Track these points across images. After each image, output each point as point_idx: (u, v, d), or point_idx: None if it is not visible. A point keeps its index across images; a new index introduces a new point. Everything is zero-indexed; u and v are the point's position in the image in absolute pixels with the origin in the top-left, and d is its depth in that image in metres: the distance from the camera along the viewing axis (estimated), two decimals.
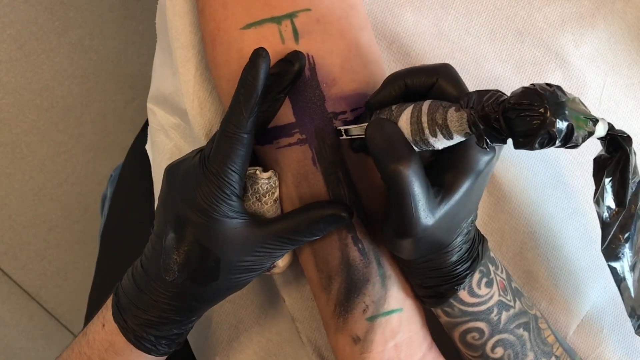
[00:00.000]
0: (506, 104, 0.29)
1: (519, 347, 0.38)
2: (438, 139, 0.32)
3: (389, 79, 0.36)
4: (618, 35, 0.46)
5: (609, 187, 0.33)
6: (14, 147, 1.14)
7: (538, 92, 0.28)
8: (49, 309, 1.25)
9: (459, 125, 0.31)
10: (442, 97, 0.34)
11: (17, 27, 1.08)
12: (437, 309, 0.39)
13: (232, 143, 0.35)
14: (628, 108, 0.46)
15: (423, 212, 0.33)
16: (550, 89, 0.28)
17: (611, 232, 0.34)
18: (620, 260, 0.35)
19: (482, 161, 0.34)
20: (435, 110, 0.32)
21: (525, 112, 0.28)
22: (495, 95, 0.30)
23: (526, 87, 0.29)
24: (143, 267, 0.39)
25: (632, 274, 0.36)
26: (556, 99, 0.28)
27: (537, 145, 0.28)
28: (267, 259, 0.38)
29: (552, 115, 0.27)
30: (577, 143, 0.29)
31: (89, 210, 1.20)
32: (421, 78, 0.35)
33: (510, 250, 0.46)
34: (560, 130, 0.28)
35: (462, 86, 0.34)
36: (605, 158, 0.33)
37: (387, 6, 0.45)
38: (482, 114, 0.30)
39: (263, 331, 0.50)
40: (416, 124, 0.33)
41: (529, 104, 0.28)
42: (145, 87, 0.53)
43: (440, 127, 0.32)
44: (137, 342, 0.39)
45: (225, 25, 0.39)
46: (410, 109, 0.34)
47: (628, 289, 0.36)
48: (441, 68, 0.35)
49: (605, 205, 0.34)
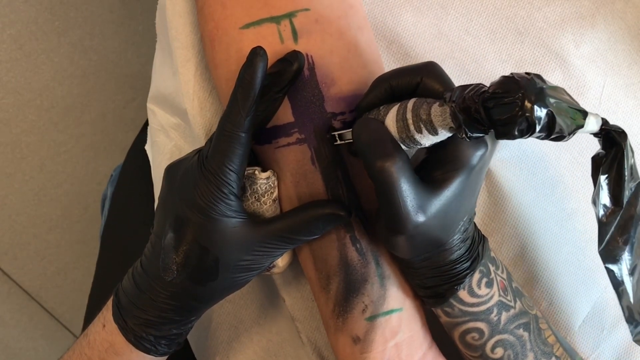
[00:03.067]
0: (485, 94, 0.29)
1: (519, 348, 0.38)
2: (424, 135, 0.33)
3: (375, 83, 0.36)
4: (618, 35, 0.46)
5: (605, 184, 0.33)
6: (14, 147, 1.14)
7: (515, 79, 0.28)
8: (49, 309, 1.25)
9: (443, 119, 0.31)
10: (429, 95, 0.34)
11: (17, 27, 1.08)
12: (437, 309, 0.39)
13: (229, 142, 0.35)
14: (628, 108, 0.46)
15: (412, 208, 0.33)
16: (529, 76, 0.28)
17: (609, 233, 0.34)
18: (618, 263, 0.35)
19: (474, 156, 0.34)
20: (419, 107, 0.33)
21: (504, 100, 0.28)
22: (477, 87, 0.30)
23: (505, 76, 0.29)
24: (143, 267, 0.39)
25: (631, 277, 0.35)
26: (534, 86, 0.28)
27: (517, 133, 0.28)
28: (266, 258, 0.38)
29: (530, 101, 0.27)
30: (562, 134, 0.28)
31: (89, 210, 1.20)
32: (406, 78, 0.35)
33: (510, 250, 0.46)
34: (539, 118, 0.28)
35: (448, 82, 0.34)
36: (601, 156, 0.33)
37: (387, 6, 0.45)
38: (462, 106, 0.30)
39: (263, 331, 0.50)
40: (402, 121, 0.33)
41: (507, 92, 0.28)
42: (145, 87, 0.53)
43: (424, 122, 0.32)
44: (136, 342, 0.39)
45: (224, 25, 0.39)
46: (396, 107, 0.34)
47: (626, 293, 0.35)
48: (425, 67, 0.35)
49: (601, 204, 0.33)
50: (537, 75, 0.29)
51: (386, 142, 0.33)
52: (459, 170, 0.34)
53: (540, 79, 0.29)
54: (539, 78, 0.29)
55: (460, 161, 0.34)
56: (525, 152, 0.45)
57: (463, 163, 0.34)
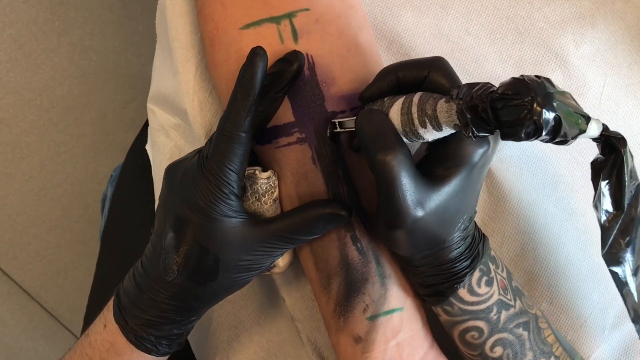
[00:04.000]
0: (494, 95, 0.29)
1: (518, 347, 0.38)
2: (427, 130, 0.33)
3: (382, 73, 0.36)
4: (618, 35, 0.46)
5: (606, 190, 0.33)
6: (14, 147, 1.14)
7: (526, 82, 0.28)
8: (49, 309, 1.25)
9: (448, 116, 0.31)
10: (435, 90, 0.34)
11: (17, 27, 1.08)
12: (437, 308, 0.39)
13: (230, 142, 0.35)
14: (628, 108, 0.46)
15: (412, 202, 0.33)
16: (539, 80, 0.29)
17: (611, 236, 0.34)
18: (621, 265, 0.35)
19: (476, 154, 0.34)
20: (425, 102, 0.33)
21: (513, 102, 0.28)
22: (485, 86, 0.30)
23: (515, 78, 0.29)
24: (143, 267, 0.39)
25: (635, 278, 0.35)
26: (544, 89, 0.28)
27: (523, 135, 0.28)
28: (267, 258, 0.38)
29: (539, 105, 0.28)
30: (566, 138, 0.28)
31: (89, 210, 1.20)
32: (413, 71, 0.35)
33: (510, 250, 0.46)
34: (547, 121, 0.28)
35: (455, 79, 0.34)
36: (601, 161, 0.33)
37: (387, 6, 0.45)
38: (470, 105, 0.30)
39: (263, 331, 0.50)
40: (406, 115, 0.33)
41: (517, 94, 0.28)
42: (145, 87, 0.53)
43: (429, 118, 0.32)
44: (137, 342, 0.39)
45: (224, 25, 0.39)
46: (401, 100, 0.34)
47: (631, 294, 0.35)
48: (433, 61, 0.35)
49: (603, 209, 0.34)
50: (547, 79, 0.29)
51: (389, 135, 0.33)
52: (460, 167, 0.34)
53: (549, 82, 0.29)
54: (549, 82, 0.29)
55: (462, 158, 0.34)
56: (526, 152, 0.45)
57: (464, 160, 0.34)
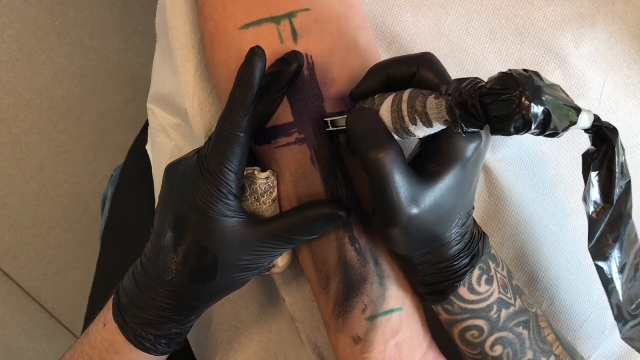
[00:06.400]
0: (482, 90, 0.29)
1: (518, 346, 0.38)
2: (418, 127, 0.33)
3: (371, 70, 0.36)
4: (618, 35, 0.46)
5: (595, 180, 0.33)
6: (14, 147, 1.14)
7: (514, 76, 0.28)
8: (49, 309, 1.25)
9: (438, 112, 0.31)
10: (424, 85, 0.34)
11: (17, 27, 1.08)
12: (437, 307, 0.39)
13: (228, 142, 0.35)
14: (628, 108, 0.46)
15: (405, 199, 0.33)
16: (527, 74, 0.29)
17: (599, 230, 0.34)
18: (607, 261, 0.35)
19: (468, 148, 0.34)
20: (415, 98, 0.33)
21: (501, 96, 0.28)
22: (473, 82, 0.30)
23: (503, 72, 0.29)
24: (143, 266, 0.39)
25: (621, 275, 0.35)
26: (532, 83, 0.28)
27: (512, 129, 0.28)
28: (265, 258, 0.38)
29: (527, 99, 0.28)
30: (556, 131, 0.28)
31: (89, 210, 1.20)
32: (402, 68, 0.35)
33: (511, 250, 0.46)
34: (535, 115, 0.28)
35: (444, 74, 0.34)
36: (592, 152, 0.33)
37: (387, 6, 0.45)
38: (459, 100, 0.30)
39: (263, 331, 0.50)
40: (396, 112, 0.33)
41: (505, 88, 0.28)
42: (145, 87, 0.53)
43: (419, 114, 0.32)
44: (136, 341, 0.39)
45: (224, 25, 0.39)
46: (391, 97, 0.34)
47: (616, 291, 0.35)
48: (422, 57, 0.35)
49: (592, 200, 0.33)
50: (535, 72, 0.29)
51: (380, 132, 0.33)
52: (452, 162, 0.34)
53: (538, 76, 0.29)
54: (537, 75, 0.29)
55: (454, 153, 0.34)
56: (526, 152, 0.45)
57: (457, 155, 0.34)
